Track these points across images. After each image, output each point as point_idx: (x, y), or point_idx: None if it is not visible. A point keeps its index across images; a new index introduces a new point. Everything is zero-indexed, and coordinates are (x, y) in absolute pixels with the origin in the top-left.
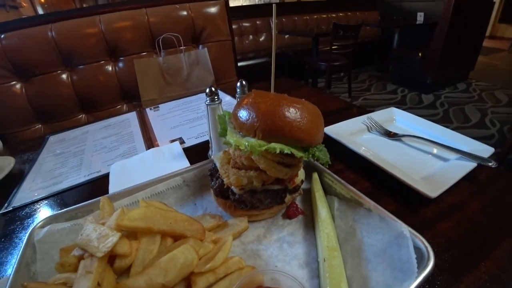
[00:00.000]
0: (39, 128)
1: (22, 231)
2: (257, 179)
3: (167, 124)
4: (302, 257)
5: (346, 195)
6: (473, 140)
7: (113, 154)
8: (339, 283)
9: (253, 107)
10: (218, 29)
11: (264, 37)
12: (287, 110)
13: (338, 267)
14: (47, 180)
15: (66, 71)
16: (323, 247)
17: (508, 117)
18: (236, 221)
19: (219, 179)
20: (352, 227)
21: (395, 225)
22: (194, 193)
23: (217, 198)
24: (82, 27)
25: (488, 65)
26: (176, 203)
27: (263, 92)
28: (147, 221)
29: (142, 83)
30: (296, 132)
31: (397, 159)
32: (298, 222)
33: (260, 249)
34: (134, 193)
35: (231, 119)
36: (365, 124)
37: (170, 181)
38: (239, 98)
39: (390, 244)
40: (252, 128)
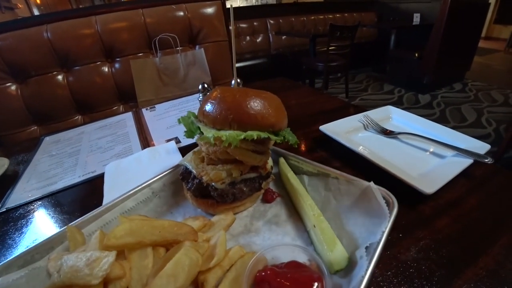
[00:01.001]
0: (34, 130)
1: (15, 232)
2: (235, 170)
3: (163, 124)
4: (292, 232)
5: (313, 171)
6: (469, 137)
7: (109, 154)
8: (333, 241)
9: (224, 101)
10: (215, 30)
11: (262, 38)
12: (256, 100)
13: (328, 228)
14: (41, 181)
15: (62, 72)
16: (309, 216)
17: (504, 116)
18: (221, 216)
19: (195, 180)
20: (326, 196)
21: (360, 183)
22: (167, 202)
23: (196, 200)
24: (78, 28)
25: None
26: (150, 216)
27: (227, 87)
28: (135, 235)
29: (139, 83)
30: (268, 118)
31: (393, 157)
32: (278, 204)
33: (252, 236)
34: (101, 216)
35: (199, 117)
36: (362, 122)
37: (138, 195)
38: (207, 97)
39: (361, 200)
40: (227, 120)
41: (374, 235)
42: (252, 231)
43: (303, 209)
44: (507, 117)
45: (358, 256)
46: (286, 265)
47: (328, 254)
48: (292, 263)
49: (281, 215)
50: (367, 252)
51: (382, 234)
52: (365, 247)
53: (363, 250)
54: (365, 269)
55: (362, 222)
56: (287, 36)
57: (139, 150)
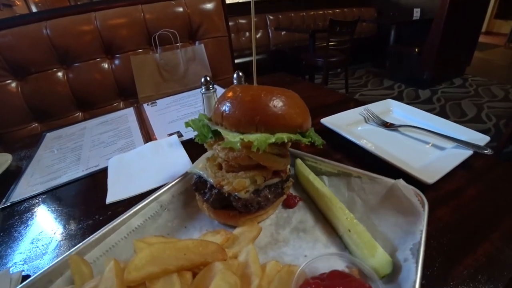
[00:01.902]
0: (35, 127)
1: (21, 225)
2: (259, 177)
3: (165, 119)
4: (323, 238)
5: (333, 171)
6: (469, 129)
7: (111, 149)
8: (373, 245)
9: (247, 101)
10: (215, 25)
11: (261, 34)
12: (281, 99)
13: (364, 232)
14: (45, 175)
15: (62, 69)
16: (342, 221)
17: (504, 111)
18: (244, 228)
19: (213, 190)
20: (350, 197)
21: (385, 181)
22: (179, 215)
23: (215, 212)
24: (77, 24)
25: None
26: (161, 234)
27: (244, 86)
28: (159, 262)
29: (139, 79)
30: (296, 118)
31: (394, 149)
32: (301, 209)
33: (281, 246)
34: (104, 239)
35: (216, 119)
36: (362, 115)
37: (145, 211)
38: (220, 100)
39: (389, 199)
40: (253, 122)
41: (412, 235)
42: (280, 240)
43: (332, 212)
44: (507, 112)
45: (401, 259)
46: (328, 276)
47: (371, 260)
48: (334, 273)
49: (307, 220)
50: (412, 254)
51: (421, 234)
52: (410, 248)
53: (408, 252)
54: (414, 273)
55: (395, 222)
56: (286, 31)
57: (142, 144)
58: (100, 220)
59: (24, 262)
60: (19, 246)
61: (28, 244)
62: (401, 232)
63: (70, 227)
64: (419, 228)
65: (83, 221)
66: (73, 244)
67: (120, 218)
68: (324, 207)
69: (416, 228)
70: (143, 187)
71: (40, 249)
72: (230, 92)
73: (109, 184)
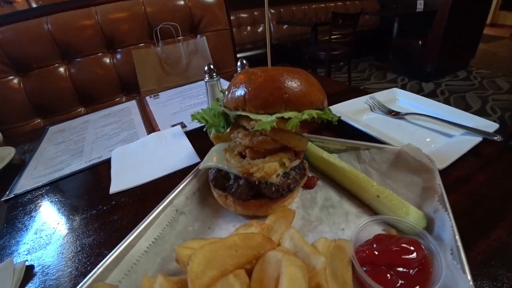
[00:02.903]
0: (38, 123)
1: (24, 216)
2: (286, 159)
3: (167, 111)
4: (352, 209)
5: (342, 147)
6: (476, 116)
7: (114, 140)
8: (404, 204)
9: (271, 80)
10: (216, 18)
11: (262, 28)
12: (303, 77)
13: (392, 195)
14: (48, 167)
15: (64, 64)
16: (368, 189)
17: (509, 104)
18: (277, 215)
19: (240, 180)
20: (363, 168)
21: (391, 149)
22: (197, 217)
23: (242, 204)
24: (78, 19)
25: (489, 52)
26: (185, 240)
27: (260, 68)
28: (216, 264)
29: (141, 73)
30: (319, 95)
31: (401, 137)
32: (321, 188)
33: (316, 225)
34: (123, 257)
35: (236, 105)
36: (368, 104)
37: (161, 219)
38: (235, 84)
39: (399, 163)
40: (281, 100)
41: (433, 190)
42: (312, 220)
43: (357, 184)
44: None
45: (430, 212)
46: (374, 241)
47: (406, 218)
48: (378, 237)
49: (331, 196)
50: (440, 204)
51: (441, 187)
52: (437, 200)
53: (436, 204)
54: (449, 219)
55: (410, 182)
56: (288, 25)
57: (145, 136)
58: (104, 209)
59: (28, 252)
60: (23, 237)
61: (32, 234)
62: (420, 189)
63: (74, 217)
64: (436, 182)
65: (86, 211)
66: (76, 234)
67: (136, 231)
68: (346, 180)
69: (434, 183)
70: (147, 176)
71: (43, 240)
72: (244, 75)
73: (113, 174)
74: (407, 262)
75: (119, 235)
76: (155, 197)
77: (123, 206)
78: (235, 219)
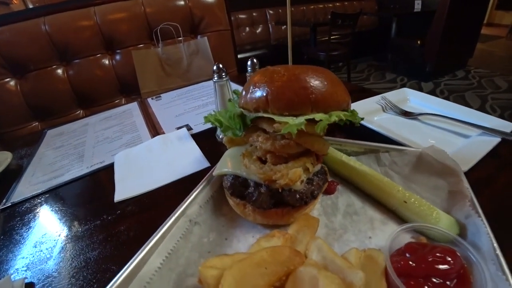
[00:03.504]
0: (36, 126)
1: (22, 227)
2: (309, 164)
3: (171, 112)
4: (377, 215)
5: (360, 150)
6: (491, 116)
7: (117, 144)
8: (434, 210)
9: (295, 81)
10: (217, 19)
11: (261, 29)
12: (328, 76)
13: (420, 200)
14: (47, 174)
15: (62, 66)
16: (393, 194)
17: (508, 103)
18: (300, 223)
19: (261, 188)
20: (384, 172)
21: (413, 151)
22: (212, 228)
23: (263, 213)
24: (76, 20)
25: (486, 52)
26: (201, 254)
27: (282, 66)
28: (246, 285)
29: (141, 75)
30: (345, 96)
31: (417, 138)
32: (342, 193)
33: (341, 234)
34: (135, 275)
35: (257, 106)
36: (380, 104)
37: (174, 231)
38: (254, 84)
39: (421, 166)
40: (307, 101)
41: (460, 194)
42: (337, 228)
43: (380, 188)
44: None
45: (461, 217)
46: (407, 250)
47: (438, 224)
48: (410, 246)
49: (354, 202)
50: (472, 209)
51: (469, 191)
52: (468, 205)
53: (467, 209)
54: (483, 225)
55: (435, 185)
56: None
57: (149, 139)
58: (109, 219)
59: (27, 268)
60: (21, 250)
61: (31, 248)
62: (446, 193)
63: (76, 228)
64: (464, 186)
65: (90, 221)
66: (80, 247)
67: (148, 245)
68: (369, 185)
69: (461, 186)
70: (154, 183)
71: (44, 253)
72: (264, 74)
73: (117, 180)
74: (445, 273)
75: (127, 248)
76: (164, 205)
77: (130, 216)
78: (253, 228)
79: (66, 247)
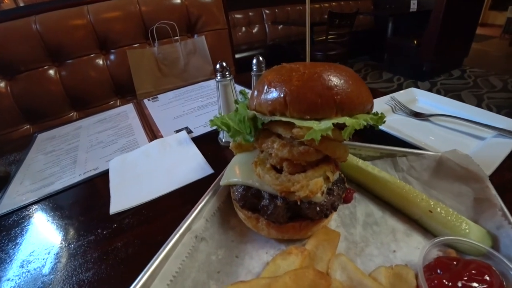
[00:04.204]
0: (27, 129)
1: (8, 243)
2: (330, 172)
3: (169, 114)
4: (399, 226)
5: (376, 154)
6: (503, 116)
7: (111, 149)
8: (463, 220)
9: (318, 80)
10: (214, 18)
11: (257, 29)
12: (351, 75)
13: (447, 209)
14: (37, 182)
15: (54, 67)
16: (417, 203)
17: (504, 101)
18: (319, 238)
19: (276, 200)
20: (402, 178)
21: (433, 155)
22: (222, 244)
23: (279, 228)
24: (69, 19)
25: (481, 51)
26: (209, 274)
27: (298, 63)
28: None
29: (137, 75)
30: (369, 97)
31: (430, 140)
32: (359, 201)
33: (363, 247)
34: None
35: (274, 108)
36: (389, 105)
37: (179, 250)
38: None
39: (442, 171)
40: (331, 103)
41: (488, 202)
42: (358, 242)
43: (402, 197)
44: (507, 102)
45: (492, 227)
46: (437, 266)
47: (469, 236)
48: (440, 262)
49: (373, 211)
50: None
51: (497, 197)
52: (500, 214)
53: (499, 218)
54: None
55: (458, 192)
56: (283, 25)
57: (146, 143)
58: (104, 234)
59: None
60: (7, 271)
61: (17, 268)
62: (471, 201)
63: (68, 245)
64: (491, 193)
65: (83, 236)
66: (72, 267)
67: (151, 268)
68: (389, 193)
69: (488, 193)
70: (153, 192)
71: (32, 274)
72: (279, 72)
73: (112, 190)
74: None
75: (126, 268)
76: (166, 217)
77: (127, 230)
78: (266, 243)
79: (57, 267)
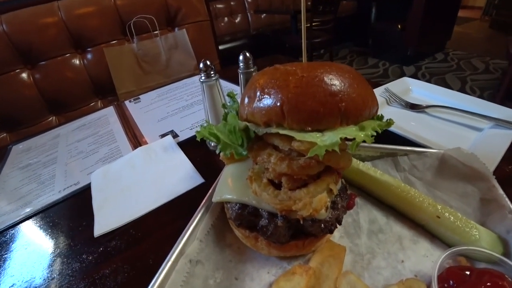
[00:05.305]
0: (4, 138)
1: None
2: (333, 184)
3: (153, 117)
4: (405, 232)
5: (376, 154)
6: (500, 106)
7: (93, 159)
8: (472, 225)
9: (318, 85)
10: (195, 9)
11: (240, 18)
12: (355, 76)
13: (456, 214)
14: (13, 202)
15: (26, 70)
16: (423, 208)
17: (486, 83)
18: (324, 254)
19: (276, 219)
20: (404, 178)
21: (435, 153)
22: (219, 265)
23: (281, 248)
24: (38, 17)
25: (462, 34)
26: None
27: (293, 64)
28: None
29: (116, 74)
30: (374, 100)
31: (427, 133)
32: (361, 207)
33: (369, 259)
34: None
35: (269, 119)
36: (384, 97)
37: (173, 278)
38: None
39: (445, 169)
40: (336, 111)
41: (495, 203)
42: (364, 253)
43: (407, 201)
44: (489, 84)
45: (502, 231)
46: (449, 276)
47: (479, 242)
48: (452, 272)
49: (376, 218)
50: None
51: (505, 197)
52: (510, 217)
53: (510, 222)
54: None
55: (463, 192)
56: (266, 14)
57: (129, 151)
58: (90, 260)
59: None
60: None
61: None
62: (477, 202)
63: (51, 274)
64: (498, 193)
65: (66, 264)
66: None
67: None
68: (393, 197)
69: (495, 194)
70: (140, 208)
71: None
72: (274, 75)
73: (95, 208)
74: None
75: None
76: (155, 236)
77: (115, 254)
78: (267, 262)
79: None
